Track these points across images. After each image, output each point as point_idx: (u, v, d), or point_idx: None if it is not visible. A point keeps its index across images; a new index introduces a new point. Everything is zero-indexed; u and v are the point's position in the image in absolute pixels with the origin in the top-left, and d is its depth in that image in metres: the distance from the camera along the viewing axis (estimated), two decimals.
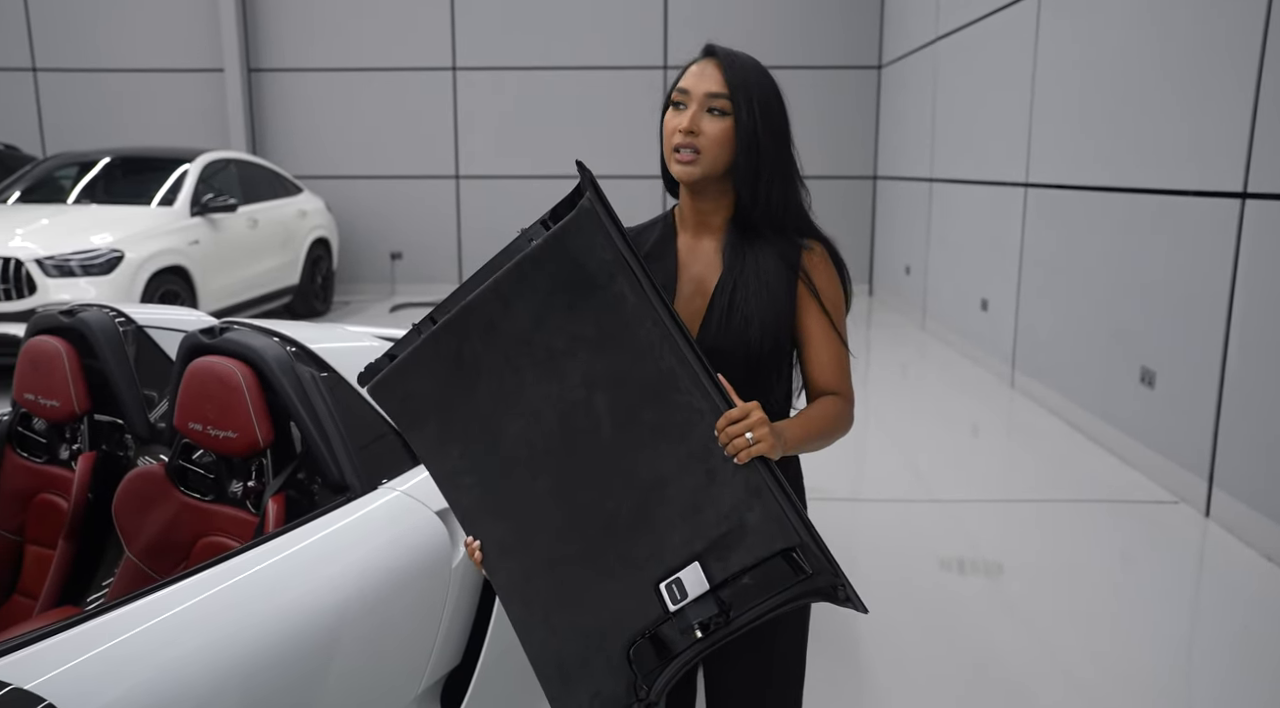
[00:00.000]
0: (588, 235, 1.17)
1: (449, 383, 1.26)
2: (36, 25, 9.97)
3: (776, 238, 1.43)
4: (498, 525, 1.30)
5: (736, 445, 1.16)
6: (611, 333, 1.19)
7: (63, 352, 2.18)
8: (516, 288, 1.20)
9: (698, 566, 1.21)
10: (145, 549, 1.96)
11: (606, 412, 1.21)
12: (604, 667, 1.26)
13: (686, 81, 1.41)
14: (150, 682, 1.30)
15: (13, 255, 5.54)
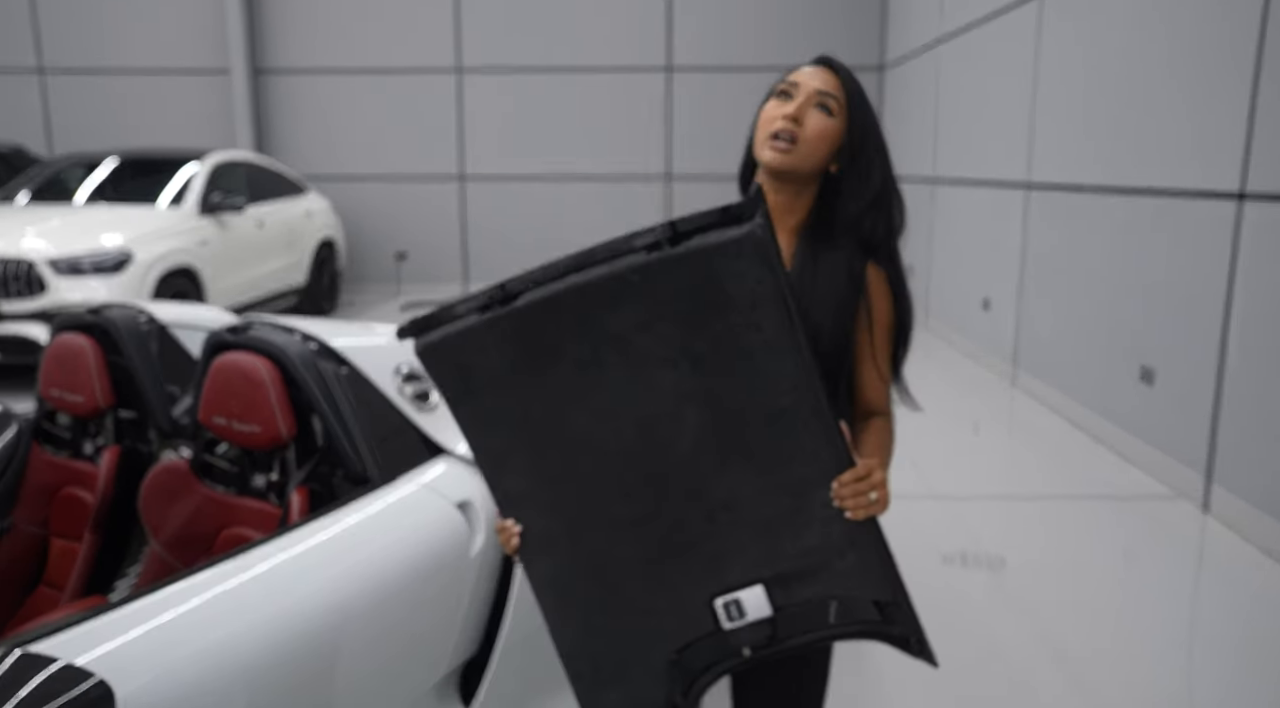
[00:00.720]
0: (745, 262, 1.08)
1: (519, 363, 1.16)
2: (44, 27, 10.04)
3: (849, 248, 1.40)
4: (543, 518, 1.24)
5: (859, 502, 1.16)
6: (727, 357, 1.12)
7: (88, 349, 2.24)
8: (635, 285, 1.10)
9: (761, 589, 1.20)
10: (170, 541, 2.02)
11: (694, 428, 1.15)
12: (643, 673, 1.25)
13: (798, 77, 1.40)
14: (190, 662, 1.36)
15: (24, 255, 5.60)
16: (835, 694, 2.62)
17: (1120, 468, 4.48)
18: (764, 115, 1.41)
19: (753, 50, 9.85)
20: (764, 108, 1.43)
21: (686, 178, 10.06)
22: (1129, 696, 2.62)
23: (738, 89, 9.91)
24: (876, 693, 2.65)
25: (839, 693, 2.63)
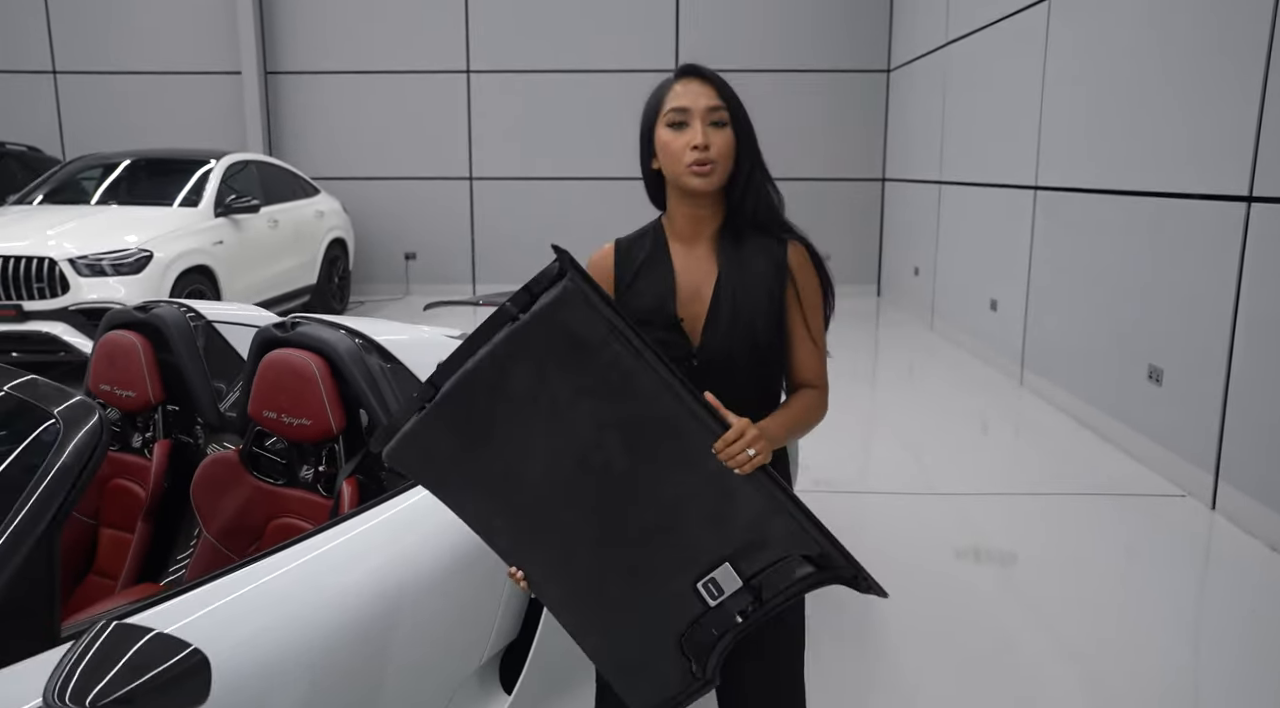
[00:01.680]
0: (576, 309, 1.26)
1: (464, 442, 1.34)
2: (57, 29, 10.12)
3: (761, 239, 1.55)
4: (537, 555, 1.42)
5: (739, 461, 1.29)
6: (612, 383, 1.29)
7: (138, 345, 2.31)
8: (512, 354, 1.28)
9: (729, 566, 1.37)
10: (221, 530, 2.09)
11: (620, 447, 1.32)
12: (660, 659, 1.42)
13: (682, 100, 1.52)
14: (265, 636, 1.46)
15: (47, 255, 5.68)
16: (855, 687, 2.70)
17: (1128, 466, 4.56)
18: (670, 146, 1.52)
19: (760, 53, 9.92)
20: (658, 136, 1.55)
21: None
22: (1136, 687, 2.69)
23: (743, 91, 9.96)
24: (886, 680, 2.72)
25: (859, 686, 2.71)
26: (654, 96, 1.58)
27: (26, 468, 1.40)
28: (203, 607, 1.43)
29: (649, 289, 1.56)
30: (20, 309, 5.65)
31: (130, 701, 1.12)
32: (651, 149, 1.58)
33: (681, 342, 1.52)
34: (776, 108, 10.02)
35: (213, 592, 1.49)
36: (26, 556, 1.30)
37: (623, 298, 1.58)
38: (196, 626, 1.36)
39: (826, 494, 4.21)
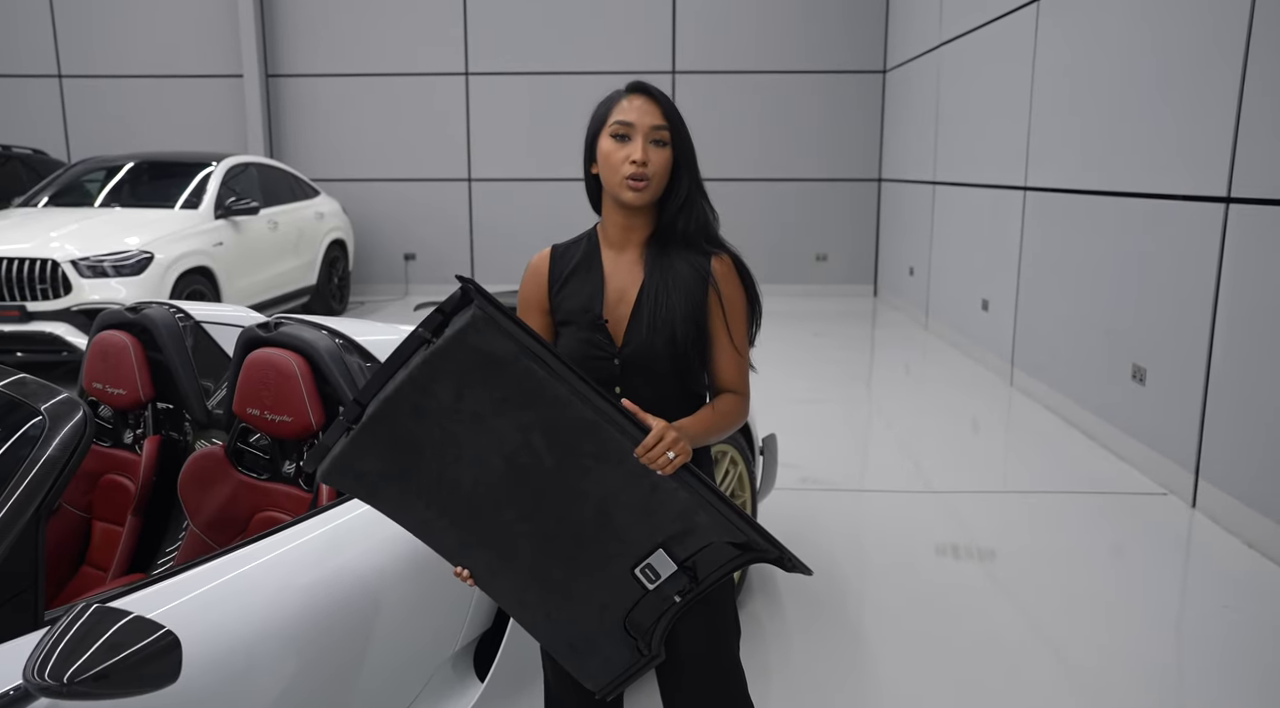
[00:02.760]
0: (485, 334, 1.33)
1: (394, 457, 1.41)
2: (62, 34, 10.23)
3: (687, 251, 1.64)
4: (479, 555, 1.49)
5: (660, 464, 1.38)
6: (529, 392, 1.36)
7: (129, 345, 2.39)
8: (430, 375, 1.35)
9: (663, 551, 1.47)
10: (207, 522, 2.17)
11: (545, 448, 1.40)
12: (607, 640, 1.53)
13: (628, 115, 1.60)
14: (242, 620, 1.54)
15: (50, 256, 5.77)
16: (841, 683, 2.76)
17: (1113, 465, 4.61)
18: (611, 157, 1.60)
19: (756, 54, 9.99)
20: (600, 145, 1.62)
21: None
22: (1116, 680, 2.75)
23: (740, 92, 10.06)
24: (876, 671, 2.79)
25: (845, 682, 2.77)
26: (602, 106, 1.66)
27: (14, 461, 1.47)
28: (183, 593, 1.51)
29: (578, 291, 1.64)
30: (24, 310, 5.74)
31: (105, 677, 1.19)
32: (594, 155, 1.64)
33: (605, 341, 1.61)
34: (773, 109, 10.09)
35: (193, 579, 1.57)
36: (13, 543, 1.37)
37: (555, 299, 1.66)
38: (175, 610, 1.44)
39: (819, 492, 4.27)
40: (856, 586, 3.35)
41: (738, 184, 10.21)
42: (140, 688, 1.24)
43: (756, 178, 10.22)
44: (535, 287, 1.70)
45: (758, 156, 10.17)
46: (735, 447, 2.97)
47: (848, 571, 3.46)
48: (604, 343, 1.62)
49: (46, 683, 1.17)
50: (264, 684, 1.61)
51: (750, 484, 3.08)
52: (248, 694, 1.58)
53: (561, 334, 1.67)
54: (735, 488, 3.03)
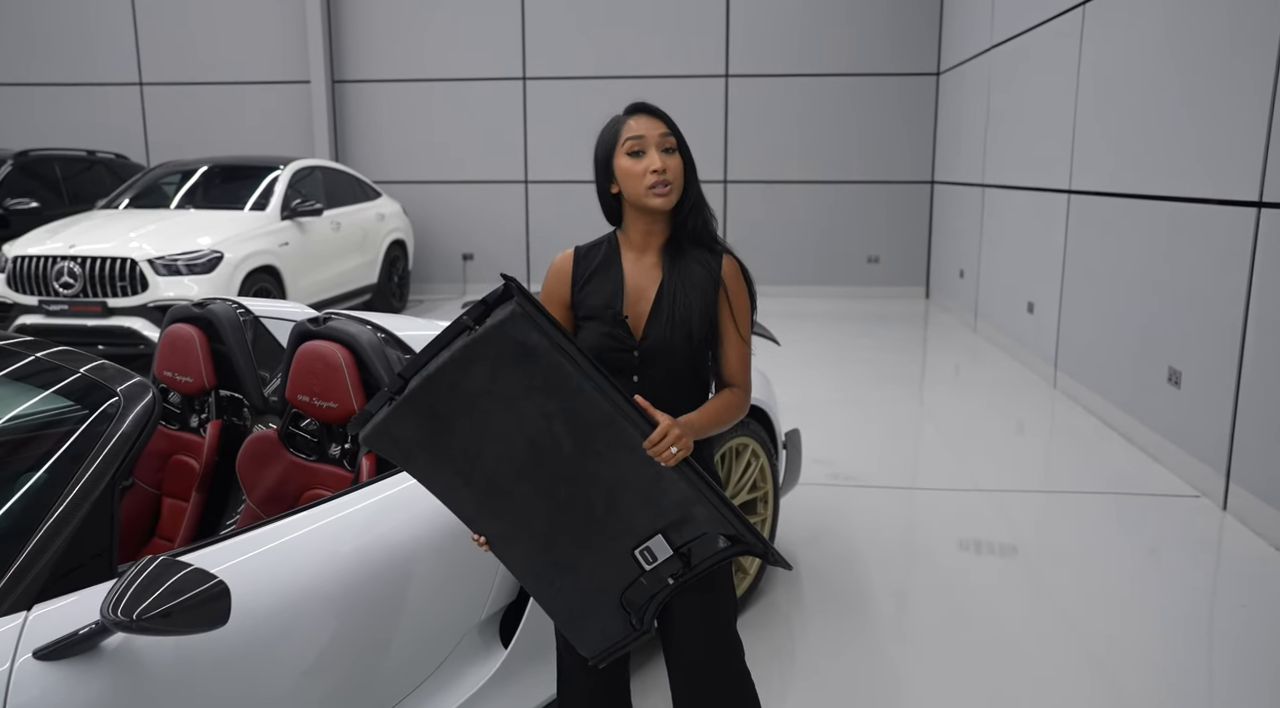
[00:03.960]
0: (522, 327, 1.48)
1: (429, 427, 1.57)
2: (143, 43, 10.78)
3: (699, 254, 1.82)
4: (496, 523, 1.66)
5: (664, 457, 1.55)
6: (556, 384, 1.52)
7: (195, 337, 2.63)
8: (469, 358, 1.50)
9: (661, 537, 1.64)
10: (261, 498, 2.40)
11: (565, 434, 1.55)
12: (604, 612, 1.70)
13: (638, 131, 1.77)
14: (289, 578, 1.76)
15: (129, 256, 6.16)
16: (853, 667, 2.89)
17: (1147, 467, 4.63)
18: (631, 171, 1.76)
19: (809, 58, 10.06)
20: (618, 164, 1.79)
21: (741, 182, 10.33)
22: (1143, 677, 2.81)
23: (793, 95, 10.14)
24: (885, 664, 2.91)
25: (856, 666, 2.90)
26: (608, 131, 1.82)
27: (94, 436, 1.70)
28: (237, 554, 1.73)
29: (600, 290, 1.81)
30: (105, 305, 6.14)
31: (168, 615, 1.40)
32: (609, 175, 1.81)
33: (625, 335, 1.78)
34: (826, 112, 10.15)
35: (246, 542, 1.79)
36: (93, 504, 1.59)
37: (577, 296, 1.83)
38: (230, 569, 1.65)
39: (848, 487, 4.38)
40: (876, 576, 3.46)
41: (790, 186, 10.29)
42: (196, 627, 1.45)
43: (809, 180, 10.28)
44: (559, 284, 1.87)
45: (810, 159, 10.24)
46: (757, 440, 3.12)
47: (868, 562, 3.57)
48: (624, 337, 1.79)
49: (119, 619, 1.39)
50: (306, 638, 1.81)
51: (772, 477, 3.22)
52: (291, 646, 1.79)
53: (584, 328, 1.83)
54: (757, 480, 3.17)
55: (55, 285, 6.18)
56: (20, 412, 1.88)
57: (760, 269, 11.69)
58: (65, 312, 6.16)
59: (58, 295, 6.18)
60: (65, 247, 6.28)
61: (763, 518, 3.22)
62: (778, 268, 10.41)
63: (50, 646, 1.43)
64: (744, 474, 3.11)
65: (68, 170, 8.53)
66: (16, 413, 1.87)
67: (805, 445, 4.63)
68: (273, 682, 1.77)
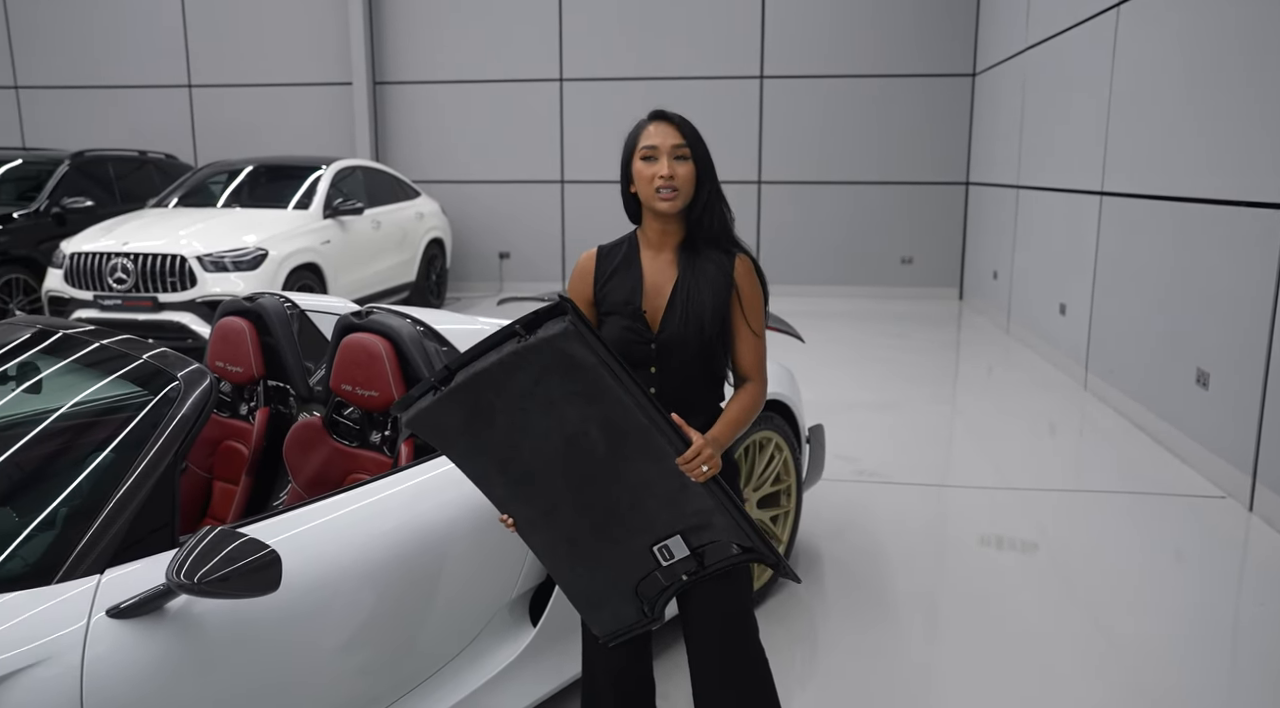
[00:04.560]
0: (573, 343, 1.58)
1: (471, 418, 1.68)
2: (193, 46, 11.09)
3: (713, 253, 1.92)
4: (524, 509, 1.78)
5: (695, 474, 1.68)
6: (597, 394, 1.63)
7: (246, 329, 2.78)
8: (516, 363, 1.61)
9: (680, 537, 1.76)
10: (306, 482, 2.54)
11: (600, 438, 1.67)
12: (619, 598, 1.83)
13: (652, 139, 1.89)
14: (337, 551, 1.90)
15: (178, 253, 6.39)
16: (871, 654, 2.97)
17: (1175, 468, 4.64)
18: (643, 175, 1.89)
19: (844, 59, 10.09)
20: (635, 168, 1.91)
21: (775, 183, 10.39)
22: (1163, 674, 2.86)
23: (828, 96, 10.18)
24: (901, 650, 2.99)
25: (873, 652, 2.98)
26: (631, 136, 1.94)
27: (158, 417, 1.84)
28: (287, 529, 1.87)
29: (620, 286, 1.93)
30: (155, 300, 6.37)
31: (225, 579, 1.54)
32: (629, 177, 1.93)
33: (643, 328, 1.89)
34: (860, 112, 10.18)
35: (295, 518, 1.93)
36: (157, 480, 1.73)
37: (599, 292, 1.95)
38: (281, 542, 1.78)
39: (873, 484, 4.45)
40: (898, 569, 3.53)
41: (824, 187, 10.33)
42: (251, 592, 1.58)
43: (843, 181, 10.32)
44: (582, 282, 1.99)
45: (844, 160, 10.27)
46: (780, 434, 3.21)
47: (891, 555, 3.64)
48: (642, 330, 1.90)
49: (182, 582, 1.53)
50: (348, 610, 1.95)
51: (795, 471, 3.31)
52: (334, 617, 1.92)
53: (605, 323, 1.95)
54: (780, 472, 3.26)
55: (109, 281, 6.42)
56: (89, 395, 2.03)
57: (793, 269, 11.66)
58: (118, 306, 6.40)
59: (112, 290, 6.42)
60: (119, 244, 6.52)
61: (786, 511, 3.31)
62: (811, 268, 10.46)
63: (121, 605, 1.57)
64: (767, 467, 3.20)
65: (120, 170, 8.82)
66: (86, 396, 2.03)
67: (835, 444, 4.72)
68: (317, 650, 1.90)
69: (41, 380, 2.17)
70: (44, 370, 2.20)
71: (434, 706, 2.16)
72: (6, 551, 1.66)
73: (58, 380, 2.12)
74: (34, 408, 2.06)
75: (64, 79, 11.40)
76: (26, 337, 2.28)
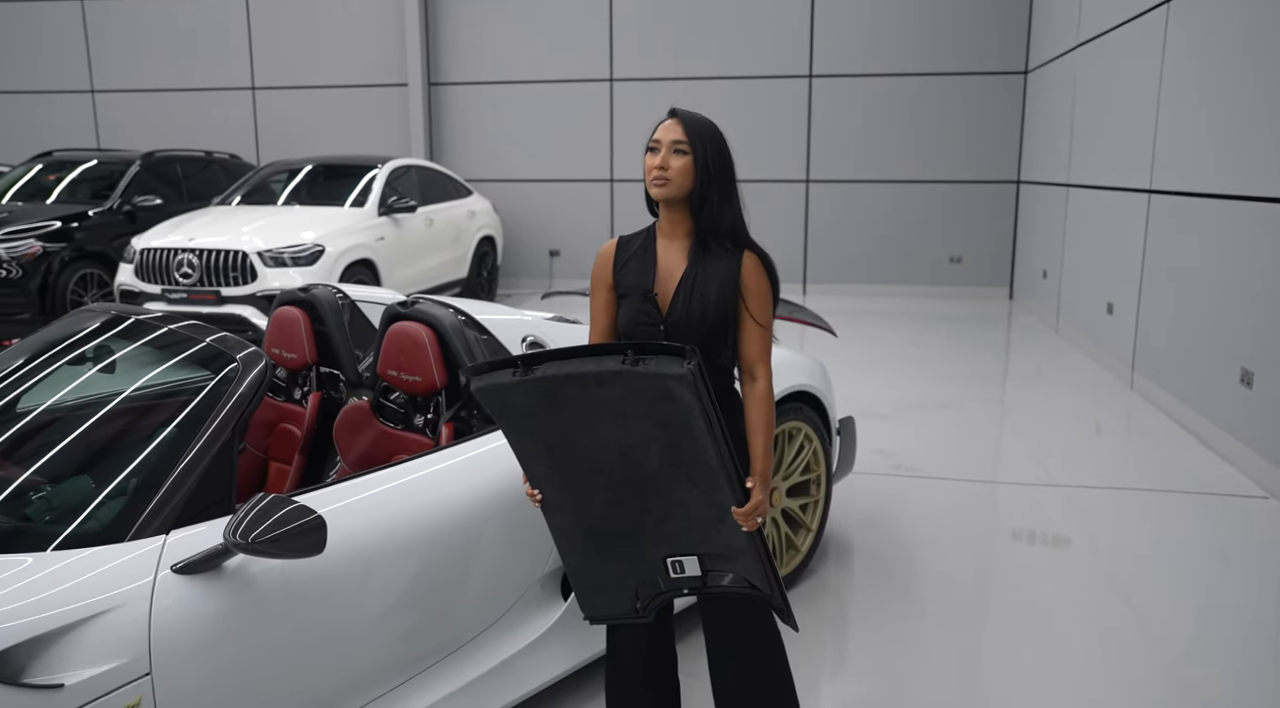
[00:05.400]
0: (685, 387, 1.67)
1: (542, 406, 1.78)
2: (257, 50, 11.48)
3: (723, 251, 2.03)
4: (556, 492, 1.89)
5: (750, 525, 1.82)
6: (676, 424, 1.72)
7: (300, 318, 2.96)
8: (609, 379, 1.71)
9: (696, 559, 1.90)
10: (354, 462, 2.70)
11: (657, 457, 1.77)
12: (616, 591, 1.96)
13: (658, 134, 2.02)
14: (379, 519, 2.06)
15: (240, 249, 6.67)
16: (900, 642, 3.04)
17: (1218, 467, 4.61)
18: (645, 164, 2.01)
19: (894, 58, 10.07)
20: (646, 158, 2.02)
21: (823, 182, 10.41)
22: (1193, 669, 2.90)
23: (877, 95, 10.17)
24: (925, 638, 3.06)
25: (899, 640, 3.05)
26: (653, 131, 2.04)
27: (218, 395, 2.00)
28: (336, 500, 2.03)
29: (635, 270, 2.06)
30: (218, 294, 6.66)
31: (277, 540, 1.69)
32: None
33: (654, 310, 2.01)
34: (909, 111, 10.14)
35: (343, 490, 2.08)
36: (217, 451, 1.90)
37: (617, 276, 2.08)
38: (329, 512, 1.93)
39: (908, 478, 4.50)
40: (930, 560, 3.59)
41: (873, 186, 10.32)
42: (299, 553, 1.73)
43: (892, 180, 10.30)
44: (603, 268, 2.11)
45: (893, 158, 10.25)
46: (810, 424, 3.29)
47: (921, 545, 3.70)
48: (653, 312, 2.02)
49: (238, 541, 1.68)
50: (391, 578, 2.09)
51: (825, 462, 3.39)
52: (378, 584, 2.07)
53: (621, 305, 2.07)
54: (810, 462, 3.35)
55: (176, 275, 6.73)
56: (157, 375, 2.21)
57: (841, 268, 11.64)
58: (184, 299, 6.70)
59: (178, 284, 6.72)
60: (185, 240, 6.83)
61: (815, 500, 3.39)
62: (859, 267, 10.46)
63: (184, 563, 1.73)
64: (797, 457, 3.29)
65: (187, 170, 9.18)
66: (154, 376, 2.21)
67: (876, 439, 4.78)
68: (362, 614, 2.05)
69: (115, 362, 2.35)
70: (117, 353, 2.39)
71: (471, 671, 2.29)
72: (85, 513, 1.84)
73: (129, 362, 2.31)
74: (109, 388, 2.25)
75: (137, 83, 11.88)
76: (101, 323, 2.47)
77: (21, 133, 12.15)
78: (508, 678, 2.37)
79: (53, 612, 1.60)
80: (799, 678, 2.57)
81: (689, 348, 1.69)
